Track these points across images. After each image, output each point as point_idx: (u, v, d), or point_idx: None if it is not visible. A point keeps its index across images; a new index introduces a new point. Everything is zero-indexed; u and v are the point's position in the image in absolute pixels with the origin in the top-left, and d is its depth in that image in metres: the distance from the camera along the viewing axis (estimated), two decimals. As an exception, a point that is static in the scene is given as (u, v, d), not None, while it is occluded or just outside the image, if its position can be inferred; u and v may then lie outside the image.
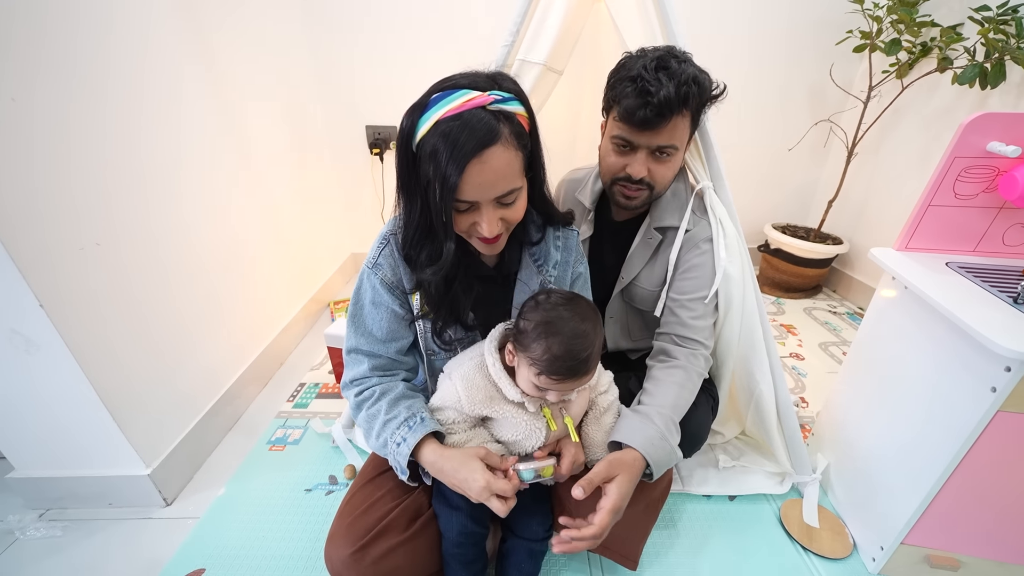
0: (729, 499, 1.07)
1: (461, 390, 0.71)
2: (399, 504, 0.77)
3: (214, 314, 1.23)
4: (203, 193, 1.19)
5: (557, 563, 0.92)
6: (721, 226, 0.93)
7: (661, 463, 0.72)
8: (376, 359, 0.76)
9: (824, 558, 0.93)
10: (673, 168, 0.89)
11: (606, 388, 0.79)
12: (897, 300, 0.88)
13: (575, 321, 0.63)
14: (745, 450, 1.14)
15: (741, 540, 0.97)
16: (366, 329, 0.75)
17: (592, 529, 0.66)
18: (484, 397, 0.70)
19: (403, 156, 0.62)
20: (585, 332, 0.63)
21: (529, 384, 0.66)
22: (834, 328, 1.80)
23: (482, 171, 0.58)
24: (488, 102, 0.58)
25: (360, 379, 0.76)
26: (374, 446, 0.73)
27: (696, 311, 0.91)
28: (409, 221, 0.67)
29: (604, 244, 1.03)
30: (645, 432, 0.73)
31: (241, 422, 1.30)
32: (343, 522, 0.74)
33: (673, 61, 0.79)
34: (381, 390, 0.74)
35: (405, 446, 0.68)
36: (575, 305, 0.65)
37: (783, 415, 1.02)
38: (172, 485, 1.06)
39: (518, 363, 0.68)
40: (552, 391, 0.66)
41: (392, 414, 0.71)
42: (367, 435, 0.74)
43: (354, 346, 0.76)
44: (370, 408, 0.73)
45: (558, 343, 0.62)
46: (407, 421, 0.70)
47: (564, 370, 0.62)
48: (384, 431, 0.70)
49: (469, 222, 0.64)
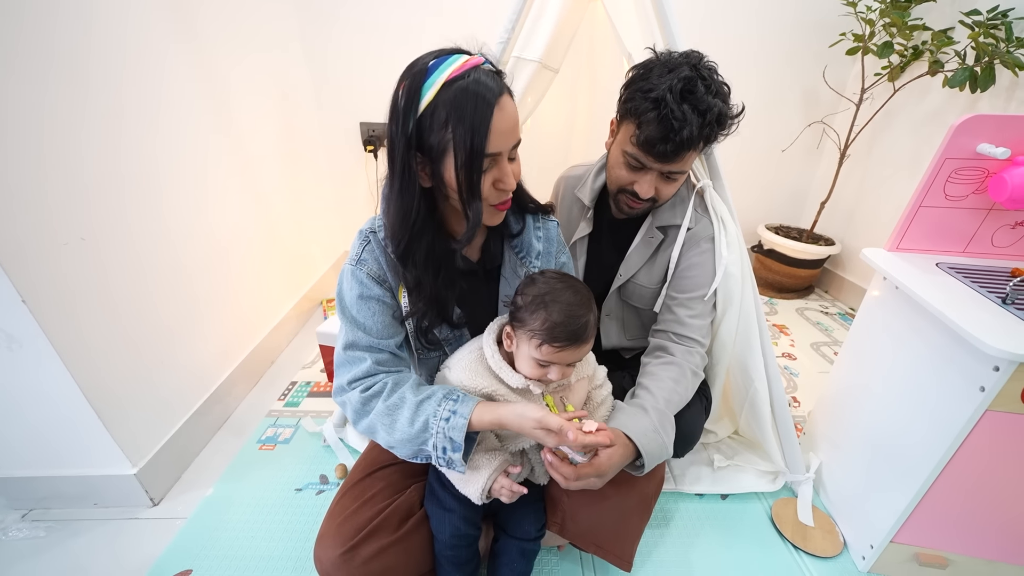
0: (721, 498, 1.07)
1: (464, 379, 0.70)
2: (391, 504, 0.76)
3: (203, 312, 1.21)
4: (193, 189, 1.17)
5: (549, 563, 0.92)
6: (722, 223, 0.93)
7: (652, 455, 0.72)
8: (378, 354, 0.71)
9: (815, 556, 0.94)
10: (678, 185, 0.88)
11: (601, 382, 0.79)
12: (888, 300, 0.89)
13: (570, 291, 0.66)
14: (738, 449, 1.15)
15: (733, 539, 0.97)
16: (360, 324, 0.72)
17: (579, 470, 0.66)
18: (486, 385, 0.70)
19: (403, 131, 0.59)
20: (581, 300, 0.65)
21: (530, 363, 0.66)
22: (826, 328, 1.82)
23: (503, 118, 0.59)
24: (481, 62, 0.61)
25: (363, 377, 0.70)
26: (403, 436, 0.65)
27: (695, 309, 0.91)
28: (401, 209, 0.64)
29: (602, 241, 1.03)
30: (639, 422, 0.73)
31: (231, 421, 1.28)
32: (333, 522, 0.73)
33: (700, 85, 0.75)
34: (395, 380, 0.69)
35: (458, 417, 0.63)
36: (568, 279, 0.69)
37: (778, 414, 1.02)
38: (159, 485, 1.04)
39: (517, 344, 0.68)
40: (555, 366, 0.66)
41: (423, 395, 0.66)
42: (388, 429, 0.66)
43: (351, 341, 0.71)
44: (388, 399, 0.67)
45: (557, 310, 0.64)
46: (448, 396, 0.65)
47: (565, 336, 0.63)
48: (420, 414, 0.64)
49: (490, 181, 0.64)
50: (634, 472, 0.74)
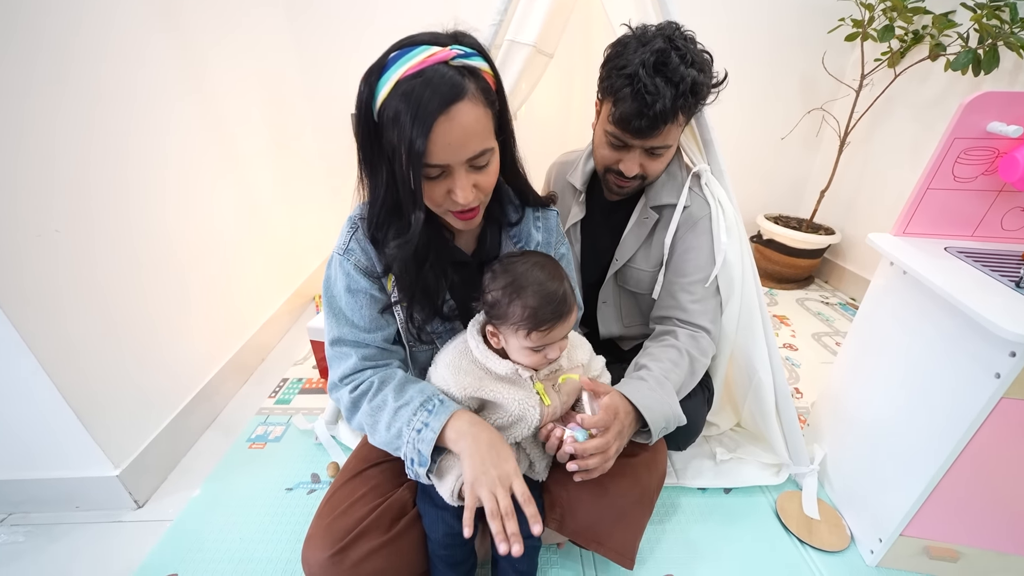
0: (724, 492, 1.04)
1: (448, 376, 0.68)
2: (382, 503, 0.73)
3: (188, 307, 1.17)
4: (178, 182, 1.13)
5: (549, 561, 0.89)
6: (721, 207, 0.90)
7: (656, 418, 0.71)
8: (364, 349, 0.71)
9: (822, 551, 0.91)
10: (665, 161, 0.87)
11: (598, 373, 0.77)
12: (895, 286, 0.86)
13: (536, 269, 0.63)
14: (741, 441, 1.12)
15: (738, 533, 0.95)
16: (347, 319, 0.71)
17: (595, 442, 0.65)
18: (473, 380, 0.68)
19: (364, 126, 0.58)
20: (550, 273, 0.64)
21: (525, 352, 0.65)
22: (827, 319, 1.79)
23: (450, 130, 0.54)
24: (450, 57, 0.54)
25: (352, 374, 0.70)
26: (383, 440, 0.66)
27: (696, 294, 0.88)
28: (374, 199, 0.63)
29: (597, 226, 1.00)
30: (638, 387, 0.72)
31: (220, 419, 1.24)
32: (321, 523, 0.70)
33: (674, 56, 0.73)
34: (380, 379, 0.68)
35: (429, 431, 0.61)
36: (527, 256, 0.66)
37: (781, 405, 1.00)
38: (144, 486, 1.01)
39: (505, 339, 0.66)
40: (549, 347, 0.64)
41: (403, 400, 0.65)
42: (371, 430, 0.68)
43: (337, 336, 0.71)
44: (373, 400, 0.67)
45: (531, 294, 0.61)
46: (424, 405, 0.64)
47: (549, 316, 0.62)
48: (396, 420, 0.64)
49: (442, 191, 0.60)
50: (643, 440, 0.73)
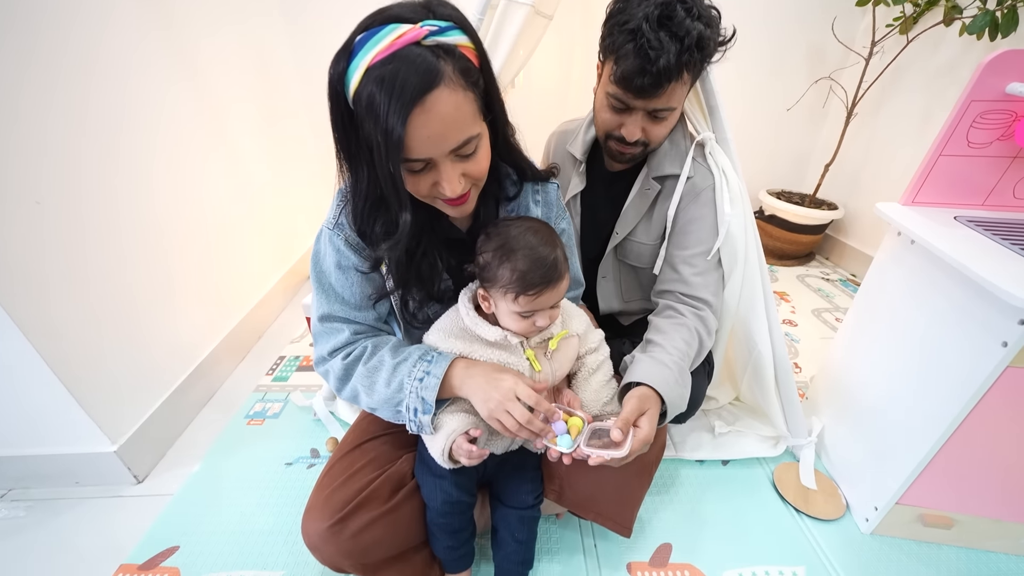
0: (722, 464, 1.05)
1: (439, 341, 0.67)
2: (381, 474, 0.72)
3: (181, 286, 1.15)
4: (169, 159, 1.10)
5: (548, 531, 0.90)
6: (725, 177, 0.87)
7: (675, 406, 0.69)
8: (356, 325, 0.69)
9: (817, 520, 0.92)
10: (670, 125, 0.83)
11: (596, 346, 0.75)
12: (903, 256, 0.84)
13: (530, 233, 0.61)
14: (739, 415, 1.12)
15: (735, 504, 0.96)
16: (337, 295, 0.68)
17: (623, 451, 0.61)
18: (463, 345, 0.67)
19: (337, 114, 0.53)
20: (543, 238, 0.61)
21: (513, 318, 0.63)
22: (827, 295, 1.78)
23: (428, 121, 0.49)
24: (422, 36, 0.48)
25: (343, 347, 0.68)
26: (381, 398, 0.64)
27: (698, 267, 0.86)
28: (356, 191, 0.60)
29: (597, 198, 0.97)
30: (662, 373, 0.70)
31: (217, 396, 1.24)
32: (320, 494, 0.70)
33: (680, 10, 0.69)
34: (374, 344, 0.67)
35: (431, 378, 0.61)
36: (523, 221, 0.64)
37: (781, 378, 0.99)
38: (143, 462, 1.01)
39: (495, 304, 0.64)
40: (539, 313, 0.63)
41: (400, 357, 0.65)
42: (368, 391, 0.65)
43: (327, 312, 0.68)
44: (368, 362, 0.65)
45: (521, 257, 0.60)
46: (423, 357, 0.64)
47: (538, 280, 0.60)
48: (396, 375, 0.63)
49: (428, 184, 0.56)
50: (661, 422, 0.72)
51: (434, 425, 0.65)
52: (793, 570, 0.84)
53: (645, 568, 0.84)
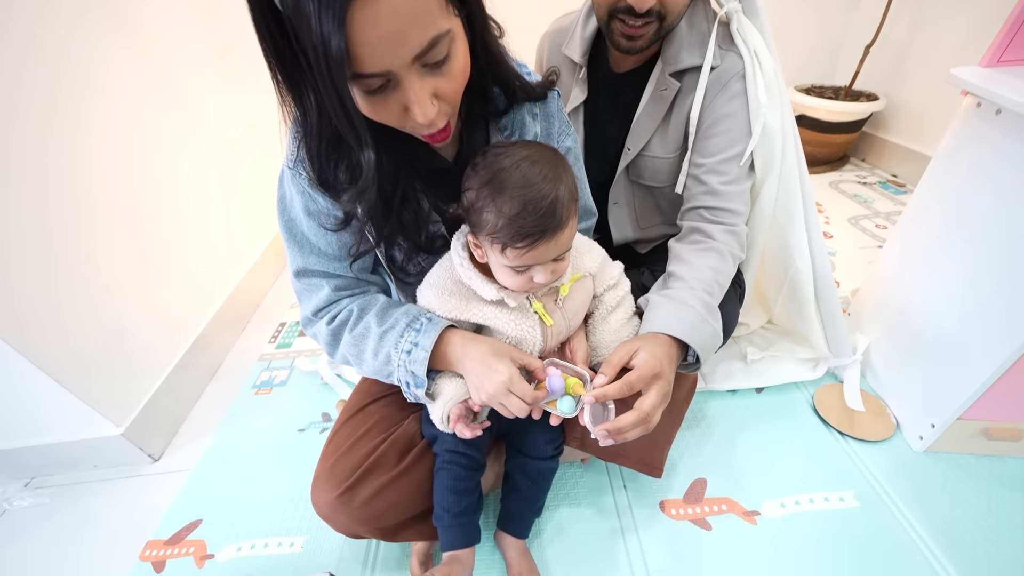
0: (756, 392, 0.98)
1: (432, 298, 0.58)
2: (387, 437, 0.67)
3: (159, 261, 1.07)
4: (117, 126, 0.97)
5: (573, 476, 0.85)
6: (757, 60, 0.72)
7: (705, 346, 0.60)
8: (337, 279, 0.60)
9: (864, 441, 0.85)
10: None
11: (615, 281, 0.65)
12: (984, 131, 0.69)
13: (524, 165, 0.48)
14: (773, 339, 1.03)
15: (774, 433, 0.89)
16: (311, 245, 0.59)
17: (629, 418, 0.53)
18: (459, 301, 0.58)
19: (261, 21, 0.39)
20: (541, 172, 0.48)
21: (506, 272, 0.52)
22: (865, 200, 1.61)
23: (376, 17, 0.36)
24: None
25: (326, 306, 0.61)
26: (371, 369, 0.59)
27: (729, 174, 0.73)
28: (307, 129, 0.47)
29: (602, 109, 0.82)
30: (680, 316, 0.60)
31: (223, 369, 1.20)
32: (326, 464, 0.65)
33: None
34: (360, 306, 0.59)
35: (419, 350, 0.55)
36: (517, 149, 0.50)
37: (821, 293, 0.88)
38: (155, 441, 0.99)
39: (486, 254, 0.53)
40: (536, 269, 0.51)
41: (387, 324, 0.57)
42: (357, 361, 0.60)
43: (303, 267, 0.60)
44: (354, 329, 0.58)
45: (508, 199, 0.47)
46: (411, 325, 0.56)
47: (529, 229, 0.47)
48: (382, 345, 0.57)
49: (396, 109, 0.43)
50: (687, 371, 0.64)
51: (431, 393, 0.58)
52: (840, 495, 0.78)
53: (679, 505, 0.79)
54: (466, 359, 0.55)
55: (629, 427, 0.53)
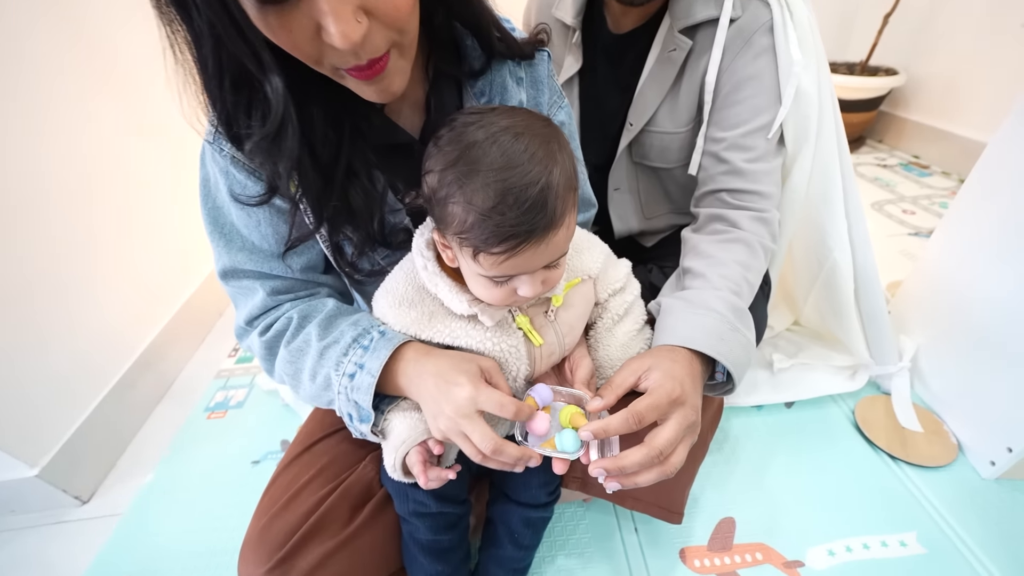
0: (786, 407, 0.84)
1: (388, 310, 0.45)
2: (338, 486, 0.53)
3: (101, 263, 0.93)
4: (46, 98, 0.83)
5: (574, 517, 0.71)
6: (787, 8, 0.58)
7: (739, 362, 0.47)
8: (273, 280, 0.48)
9: (921, 468, 0.71)
10: None
11: (622, 284, 0.51)
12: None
13: (504, 138, 0.34)
14: (802, 343, 0.89)
15: (812, 458, 0.75)
16: (241, 239, 0.47)
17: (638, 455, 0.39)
18: (420, 315, 0.44)
19: None
20: (523, 151, 0.34)
21: (484, 283, 0.39)
22: (887, 184, 1.48)
23: None
24: None
25: (261, 313, 0.49)
26: (308, 394, 0.47)
27: (756, 150, 0.60)
28: (203, 67, 0.36)
29: (600, 79, 0.70)
30: (702, 323, 0.47)
31: (174, 389, 1.06)
32: (257, 525, 0.51)
33: None
34: (302, 313, 0.47)
35: (365, 375, 0.42)
36: (497, 115, 0.36)
37: (863, 290, 0.75)
38: (83, 480, 0.84)
39: (457, 257, 0.39)
40: (520, 279, 0.38)
41: (330, 337, 0.45)
42: (294, 383, 0.48)
43: (230, 265, 0.47)
44: (291, 342, 0.46)
45: (482, 187, 0.33)
46: (358, 340, 0.44)
47: (510, 229, 0.34)
48: (322, 364, 0.44)
49: (306, 30, 0.31)
50: (716, 393, 0.51)
51: (381, 430, 0.45)
52: (900, 537, 0.64)
53: (703, 554, 0.65)
54: (420, 379, 0.42)
55: (636, 467, 0.39)
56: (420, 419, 0.44)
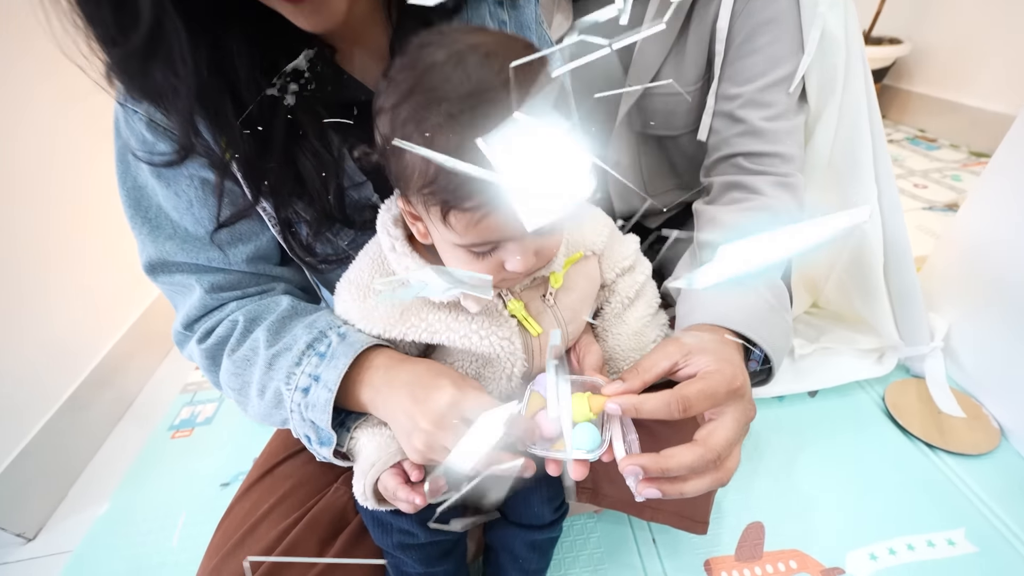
0: (809, 396, 0.77)
1: (352, 306, 0.37)
2: (303, 516, 0.45)
3: (46, 268, 0.83)
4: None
5: (584, 529, 0.63)
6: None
7: (779, 347, 0.39)
8: (212, 275, 0.40)
9: (962, 456, 0.65)
10: None
11: (631, 262, 0.44)
12: None
13: (471, 59, 0.26)
14: (823, 327, 0.82)
15: (842, 451, 0.68)
16: (172, 225, 0.39)
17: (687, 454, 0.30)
18: (392, 309, 0.36)
19: None
20: (495, 73, 0.25)
21: (459, 257, 0.31)
22: (895, 158, 1.42)
23: None
24: None
25: (201, 316, 0.40)
26: (258, 413, 0.39)
27: (775, 106, 0.52)
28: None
29: None
30: (739, 301, 0.39)
31: (135, 407, 0.96)
32: (207, 566, 0.43)
33: None
34: (249, 315, 0.39)
35: (322, 388, 0.34)
36: (462, 33, 0.28)
37: (894, 265, 0.67)
38: (28, 515, 0.75)
39: (428, 228, 0.32)
40: (506, 248, 0.30)
41: (280, 344, 0.37)
42: (242, 401, 0.40)
43: (157, 258, 0.39)
44: (237, 350, 0.38)
45: (445, 119, 0.25)
46: (313, 346, 0.36)
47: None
48: (270, 378, 0.36)
49: None
50: (754, 384, 0.41)
51: (348, 451, 0.36)
52: (947, 536, 0.57)
53: (731, 564, 0.58)
54: (391, 390, 0.34)
55: (684, 470, 0.30)
56: (393, 435, 0.36)
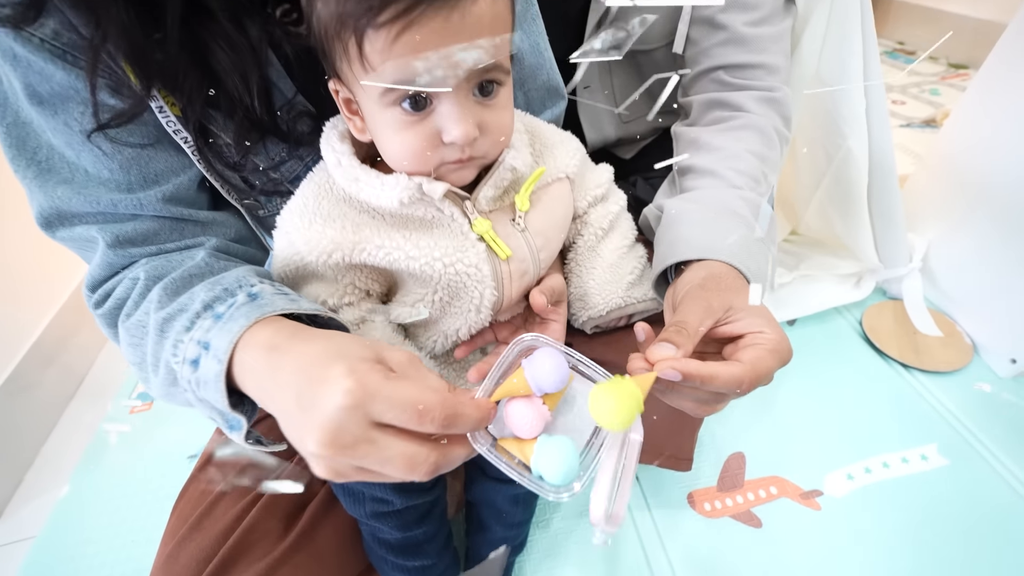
0: (788, 325, 0.76)
1: (297, 232, 0.32)
2: (262, 493, 0.41)
3: None
4: None
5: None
6: None
7: (764, 280, 0.36)
8: (119, 224, 0.33)
9: (935, 374, 0.65)
10: None
11: (603, 191, 0.40)
12: None
13: None
14: (802, 254, 0.80)
15: (820, 377, 0.69)
16: (68, 166, 0.32)
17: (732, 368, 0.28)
18: (344, 231, 0.31)
19: None
20: None
21: (390, 121, 0.28)
22: (874, 75, 1.36)
23: None
24: None
25: (108, 276, 0.34)
26: (159, 391, 0.32)
27: (760, 8, 0.47)
28: None
29: None
30: (732, 233, 0.35)
31: (87, 382, 0.90)
32: (163, 554, 0.40)
33: None
34: (151, 272, 0.32)
35: (211, 358, 0.27)
36: None
37: (878, 185, 0.65)
38: (-20, 503, 0.70)
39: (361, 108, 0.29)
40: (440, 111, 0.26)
41: (174, 305, 0.30)
42: (143, 377, 0.33)
43: (51, 208, 0.32)
44: (132, 314, 0.32)
45: None
46: (212, 305, 0.29)
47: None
48: (161, 346, 0.29)
49: None
50: None
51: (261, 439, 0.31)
52: (920, 451, 0.59)
53: (713, 495, 0.58)
54: (273, 385, 0.25)
55: (722, 384, 0.28)
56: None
